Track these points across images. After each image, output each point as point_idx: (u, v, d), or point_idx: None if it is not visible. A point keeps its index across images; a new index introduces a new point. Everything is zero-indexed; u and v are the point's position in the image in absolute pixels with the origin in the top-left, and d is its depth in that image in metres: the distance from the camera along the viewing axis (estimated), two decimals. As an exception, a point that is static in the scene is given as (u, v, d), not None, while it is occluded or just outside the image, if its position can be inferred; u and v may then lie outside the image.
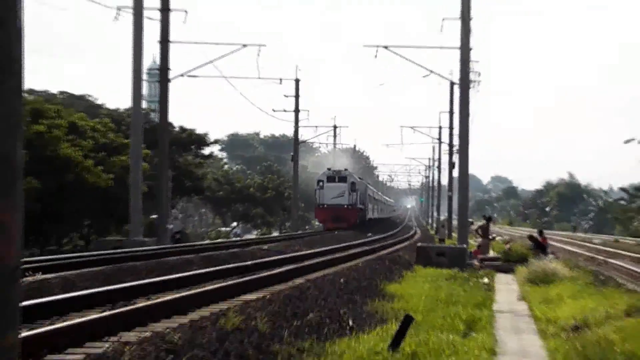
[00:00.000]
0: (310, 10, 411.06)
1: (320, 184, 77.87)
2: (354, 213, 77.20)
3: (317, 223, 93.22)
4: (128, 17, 39.81)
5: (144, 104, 47.02)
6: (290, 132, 77.98)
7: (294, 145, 75.30)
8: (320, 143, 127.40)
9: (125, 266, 23.93)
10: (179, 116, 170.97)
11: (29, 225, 39.18)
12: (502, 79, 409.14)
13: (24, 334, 10.48)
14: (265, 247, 39.60)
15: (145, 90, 44.98)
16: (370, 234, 61.44)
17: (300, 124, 74.22)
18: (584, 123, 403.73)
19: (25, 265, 20.54)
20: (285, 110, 72.29)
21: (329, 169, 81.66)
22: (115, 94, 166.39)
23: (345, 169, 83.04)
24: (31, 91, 66.86)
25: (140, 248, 33.37)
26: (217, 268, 23.24)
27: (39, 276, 19.51)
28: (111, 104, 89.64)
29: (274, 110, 71.61)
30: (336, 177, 77.90)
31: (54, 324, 12.17)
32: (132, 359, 9.72)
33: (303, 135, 78.74)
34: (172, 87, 42.89)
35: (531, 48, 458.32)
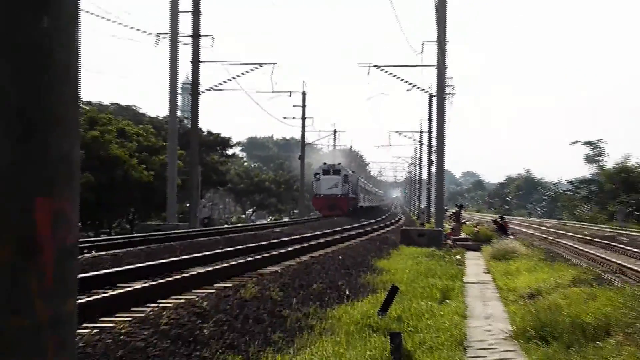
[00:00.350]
0: (316, 33, 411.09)
1: (317, 176, 74.85)
2: (347, 202, 74.10)
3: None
4: (166, 42, 39.88)
5: (179, 113, 46.92)
6: (298, 136, 77.43)
7: (301, 146, 74.94)
8: (322, 145, 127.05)
9: (162, 245, 23.93)
10: (207, 122, 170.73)
11: (85, 212, 39.36)
12: (475, 89, 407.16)
13: (81, 300, 10.49)
14: (278, 229, 39.60)
15: (179, 101, 44.93)
16: (363, 220, 61.09)
17: (306, 129, 74.01)
18: (539, 127, 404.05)
19: (82, 245, 20.55)
20: (294, 118, 72.15)
21: (324, 163, 78.61)
22: (155, 104, 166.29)
23: (339, 163, 79.88)
24: (88, 102, 66.87)
25: (175, 231, 33.34)
26: (238, 247, 23.21)
27: (94, 254, 19.53)
28: (152, 113, 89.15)
29: (285, 118, 71.49)
30: (331, 170, 74.86)
31: (105, 293, 12.19)
32: (169, 322, 9.72)
33: (308, 138, 78.44)
34: (202, 99, 42.77)
35: (500, 62, 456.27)
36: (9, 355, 1.17)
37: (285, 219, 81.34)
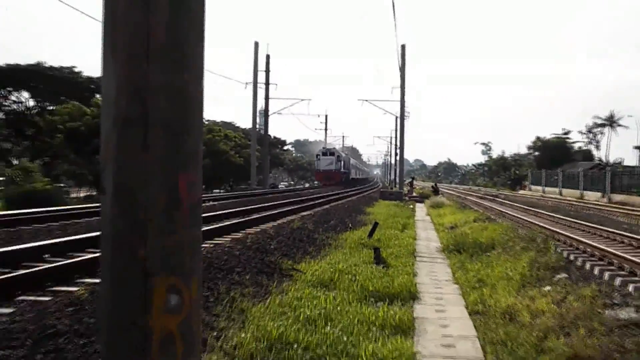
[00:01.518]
0: (334, 81, 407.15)
1: (318, 157, 62.52)
2: (339, 175, 61.49)
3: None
4: (250, 87, 40.12)
5: (258, 127, 46.96)
6: (323, 139, 77.07)
7: (325, 145, 74.69)
8: (337, 144, 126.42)
9: (247, 199, 24.08)
10: (273, 131, 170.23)
11: (205, 180, 39.51)
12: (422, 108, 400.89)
13: (204, 228, 10.58)
14: (312, 190, 39.64)
15: (258, 119, 45.02)
16: (358, 186, 60.70)
17: (327, 134, 73.66)
18: (458, 132, 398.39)
19: (204, 198, 20.72)
20: (321, 129, 72.12)
21: (323, 147, 65.99)
22: (245, 121, 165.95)
23: (334, 147, 68.20)
24: (207, 120, 66.93)
25: (255, 191, 33.52)
26: (289, 200, 23.30)
27: (210, 203, 19.69)
28: (242, 125, 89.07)
29: (315, 129, 71.80)
30: (327, 152, 62.28)
31: (216, 224, 12.31)
32: (251, 240, 9.80)
33: (328, 140, 77.79)
34: (271, 118, 43.09)
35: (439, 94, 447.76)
36: (167, 258, 1.20)
37: (315, 185, 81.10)
